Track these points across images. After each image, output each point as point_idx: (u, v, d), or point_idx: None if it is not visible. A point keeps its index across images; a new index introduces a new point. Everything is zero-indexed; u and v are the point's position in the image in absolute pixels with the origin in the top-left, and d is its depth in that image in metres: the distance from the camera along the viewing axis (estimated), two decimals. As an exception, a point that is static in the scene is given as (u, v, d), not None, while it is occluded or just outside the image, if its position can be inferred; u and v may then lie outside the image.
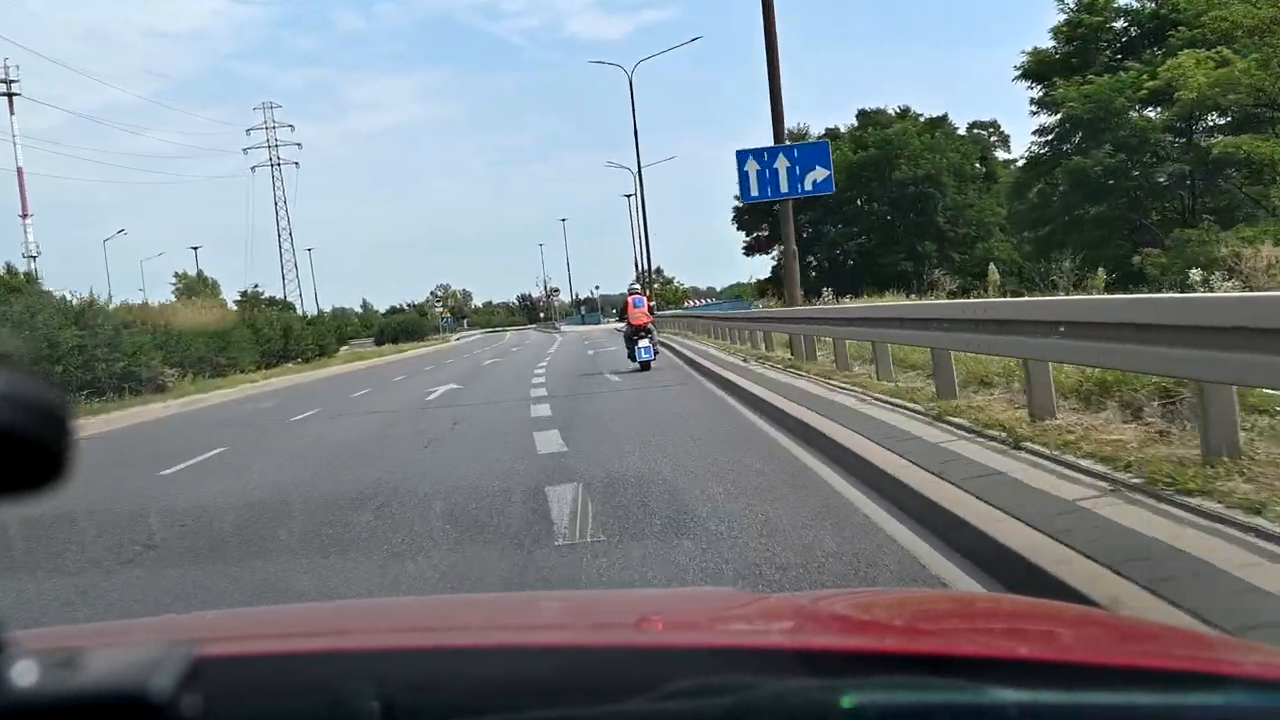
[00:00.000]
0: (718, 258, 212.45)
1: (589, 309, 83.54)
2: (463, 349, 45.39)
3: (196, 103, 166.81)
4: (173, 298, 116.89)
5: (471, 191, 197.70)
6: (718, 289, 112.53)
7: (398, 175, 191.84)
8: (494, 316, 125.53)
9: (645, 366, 15.80)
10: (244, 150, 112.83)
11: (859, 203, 55.55)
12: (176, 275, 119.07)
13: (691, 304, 70.96)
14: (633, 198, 55.79)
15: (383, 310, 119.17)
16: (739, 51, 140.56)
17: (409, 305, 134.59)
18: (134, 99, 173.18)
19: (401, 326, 72.83)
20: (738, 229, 60.11)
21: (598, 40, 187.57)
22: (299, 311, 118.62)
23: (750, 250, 60.65)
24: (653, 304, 19.57)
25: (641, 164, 38.69)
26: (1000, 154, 60.29)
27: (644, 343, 15.99)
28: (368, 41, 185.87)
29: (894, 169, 53.48)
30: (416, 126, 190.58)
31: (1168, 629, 1.72)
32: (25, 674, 0.48)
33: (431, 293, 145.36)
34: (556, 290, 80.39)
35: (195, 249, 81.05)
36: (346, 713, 0.73)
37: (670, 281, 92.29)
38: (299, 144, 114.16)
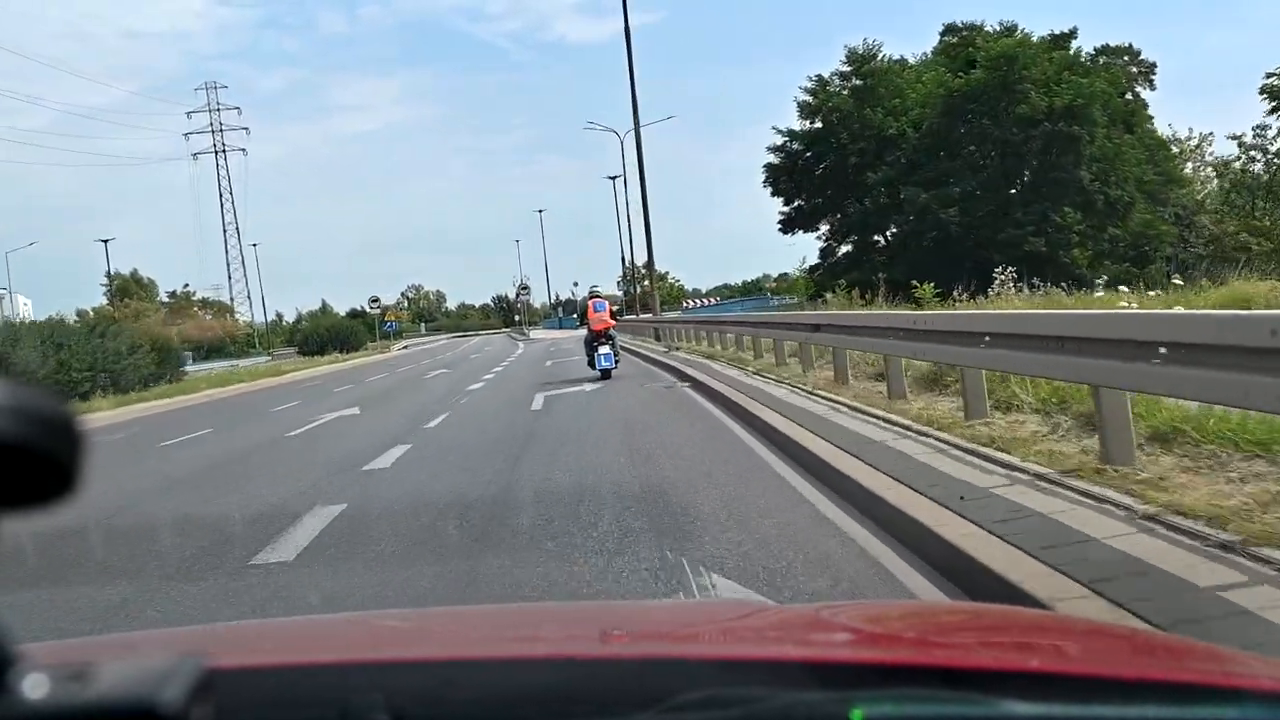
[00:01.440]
0: (716, 259, 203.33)
1: (566, 311, 72.44)
2: (402, 360, 38.47)
3: (176, 104, 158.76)
4: (103, 300, 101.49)
5: (453, 193, 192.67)
6: (729, 285, 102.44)
7: (379, 176, 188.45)
8: (464, 320, 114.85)
9: (606, 375, 15.35)
10: (184, 135, 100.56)
11: (961, 153, 37.68)
12: (109, 275, 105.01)
13: (691, 305, 60.81)
14: (619, 179, 48.24)
15: (344, 313, 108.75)
16: (733, 52, 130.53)
17: (370, 307, 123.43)
18: (110, 99, 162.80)
19: (330, 334, 60.25)
20: (773, 194, 44.73)
21: (583, 43, 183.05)
22: (239, 316, 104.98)
23: (789, 225, 45.28)
24: (616, 308, 17.97)
25: (640, 135, 28.65)
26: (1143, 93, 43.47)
27: (604, 349, 15.51)
28: (351, 44, 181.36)
29: (1019, 100, 35.45)
30: (399, 128, 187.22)
31: (1181, 641, 1.78)
32: (37, 687, 0.48)
33: (402, 293, 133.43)
34: (527, 288, 68.80)
35: (105, 242, 70.05)
36: None
37: (664, 277, 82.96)
38: (246, 128, 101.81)
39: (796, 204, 44.45)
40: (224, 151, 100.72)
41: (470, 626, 1.38)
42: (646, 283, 34.21)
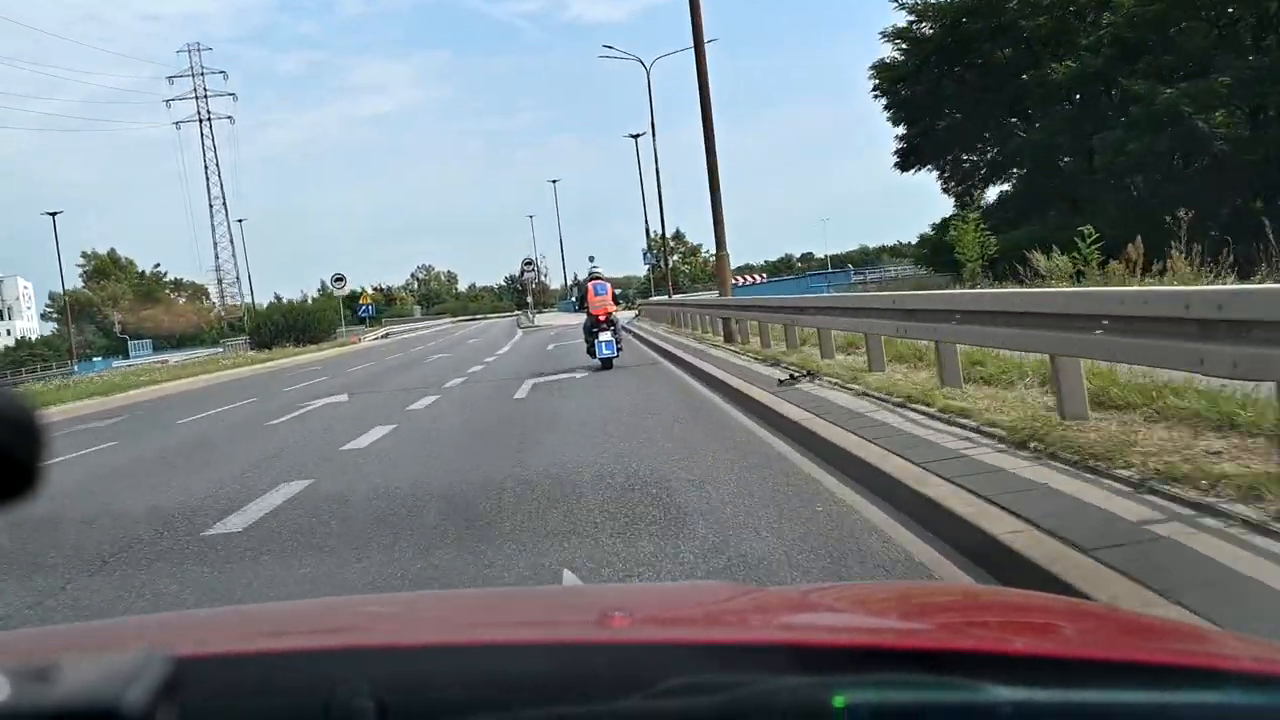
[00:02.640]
0: (764, 233, 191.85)
1: (580, 293, 62.25)
2: (373, 354, 32.23)
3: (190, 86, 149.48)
4: (80, 282, 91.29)
5: (468, 174, 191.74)
6: (785, 259, 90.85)
7: (393, 159, 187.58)
8: (474, 302, 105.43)
9: (607, 364, 14.29)
10: (165, 102, 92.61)
11: (1219, 24, 24.00)
12: (85, 255, 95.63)
13: (744, 281, 50.43)
14: (642, 137, 40.48)
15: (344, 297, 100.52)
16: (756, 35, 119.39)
17: (380, 287, 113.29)
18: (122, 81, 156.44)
19: (287, 322, 49.51)
20: (888, 108, 31.59)
21: (601, 23, 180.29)
22: (230, 300, 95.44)
23: (910, 158, 31.96)
24: (618, 291, 16.76)
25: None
26: None
27: (605, 336, 14.40)
28: (366, 26, 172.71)
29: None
30: (413, 110, 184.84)
31: (1165, 623, 1.74)
32: None
33: (411, 274, 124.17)
34: (531, 263, 57.80)
35: (53, 215, 60.78)
36: (340, 712, 0.72)
37: (697, 250, 70.85)
38: (233, 94, 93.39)
39: (919, 129, 30.69)
40: (209, 119, 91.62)
41: (453, 610, 1.37)
42: (677, 256, 25.16)
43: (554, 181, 79.51)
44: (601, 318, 14.51)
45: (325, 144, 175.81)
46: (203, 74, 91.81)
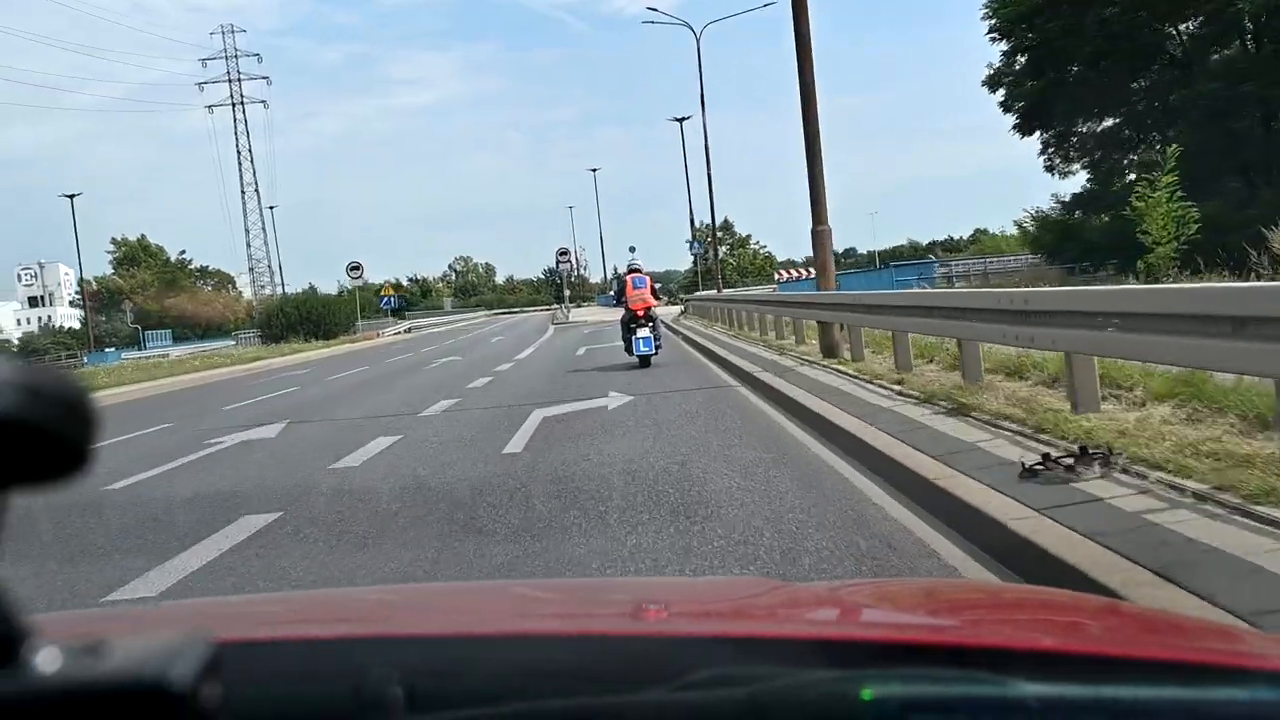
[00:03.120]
0: (797, 226, 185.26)
1: (619, 286, 55.69)
2: (379, 354, 28.10)
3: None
4: (109, 269, 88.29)
5: (509, 167, 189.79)
6: (853, 252, 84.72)
7: (434, 150, 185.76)
8: (509, 295, 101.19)
9: (645, 362, 13.43)
10: (198, 86, 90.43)
11: None
12: (114, 242, 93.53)
13: (787, 276, 45.16)
14: (687, 120, 39.46)
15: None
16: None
17: (415, 279, 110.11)
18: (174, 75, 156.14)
19: (300, 314, 44.92)
20: (1005, 54, 25.74)
21: (642, 14, 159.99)
22: (239, 289, 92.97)
23: (1028, 120, 26.13)
24: (658, 285, 15.91)
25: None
26: None
27: (643, 332, 13.56)
28: (409, 18, 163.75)
29: None
30: (455, 102, 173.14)
31: (1194, 621, 1.74)
32: (49, 661, 0.48)
33: (450, 266, 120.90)
34: (566, 253, 49.48)
35: (71, 197, 57.44)
36: (370, 698, 0.73)
37: (745, 242, 65.66)
38: (267, 78, 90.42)
39: (1053, 74, 23.74)
40: (243, 103, 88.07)
41: (481, 601, 1.39)
42: (724, 248, 20.34)
43: (594, 170, 75.72)
44: (640, 313, 13.70)
45: (367, 136, 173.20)
46: (236, 56, 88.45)
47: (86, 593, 4.33)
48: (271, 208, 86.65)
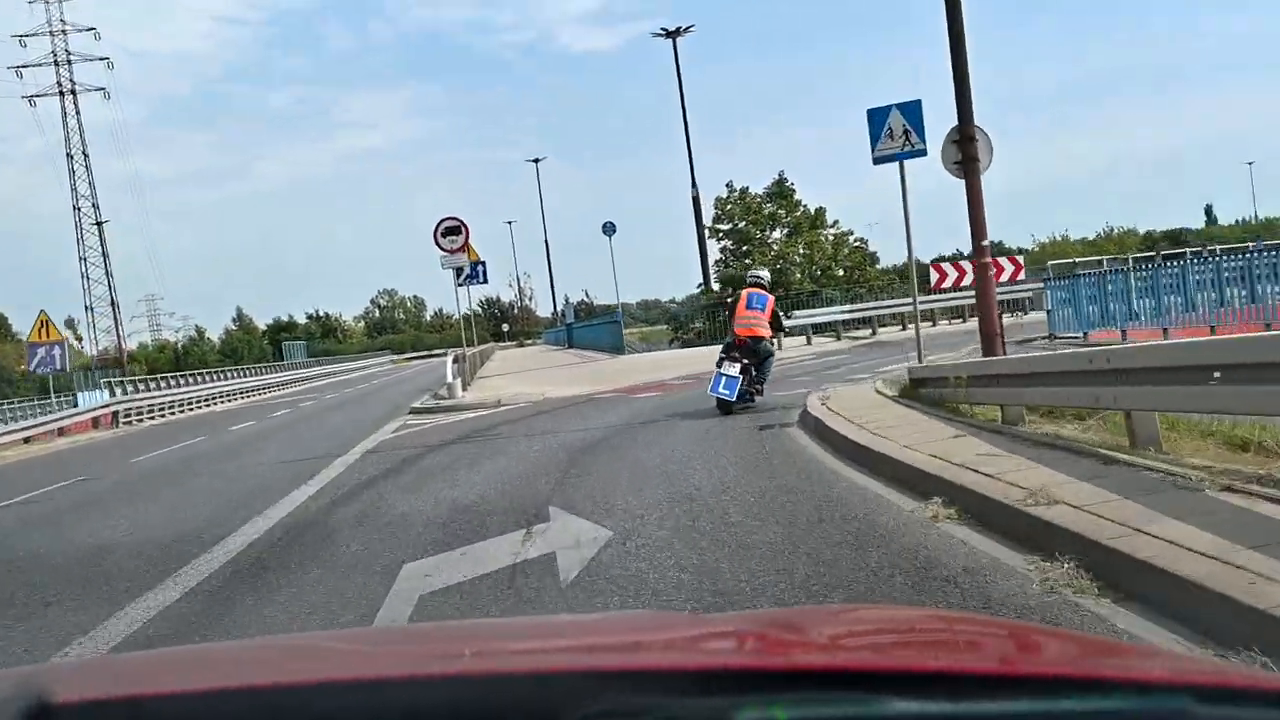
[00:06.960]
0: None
1: (733, 305, 25.44)
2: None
3: (185, 125, 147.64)
4: None
5: (463, 205, 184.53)
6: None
7: (386, 191, 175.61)
8: (431, 335, 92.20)
9: (723, 408, 9.97)
10: (15, 71, 59.22)
11: None
12: None
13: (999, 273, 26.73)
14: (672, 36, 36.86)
15: (264, 328, 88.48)
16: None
17: (314, 315, 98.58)
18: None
19: None
20: None
21: (590, 51, 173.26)
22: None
23: None
24: (776, 301, 11.34)
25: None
26: None
27: (729, 370, 10.05)
28: (359, 59, 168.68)
29: None
30: (407, 143, 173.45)
31: (1084, 639, 1.85)
32: None
33: (372, 300, 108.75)
34: (482, 263, 22.99)
35: None
36: None
37: (817, 218, 37.54)
38: (107, 59, 60.63)
39: None
40: (73, 92, 60.31)
41: (361, 646, 1.38)
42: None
43: (536, 160, 62.32)
44: (744, 340, 10.32)
45: (315, 179, 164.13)
46: (64, 30, 59.89)
47: None
48: (104, 222, 60.03)
